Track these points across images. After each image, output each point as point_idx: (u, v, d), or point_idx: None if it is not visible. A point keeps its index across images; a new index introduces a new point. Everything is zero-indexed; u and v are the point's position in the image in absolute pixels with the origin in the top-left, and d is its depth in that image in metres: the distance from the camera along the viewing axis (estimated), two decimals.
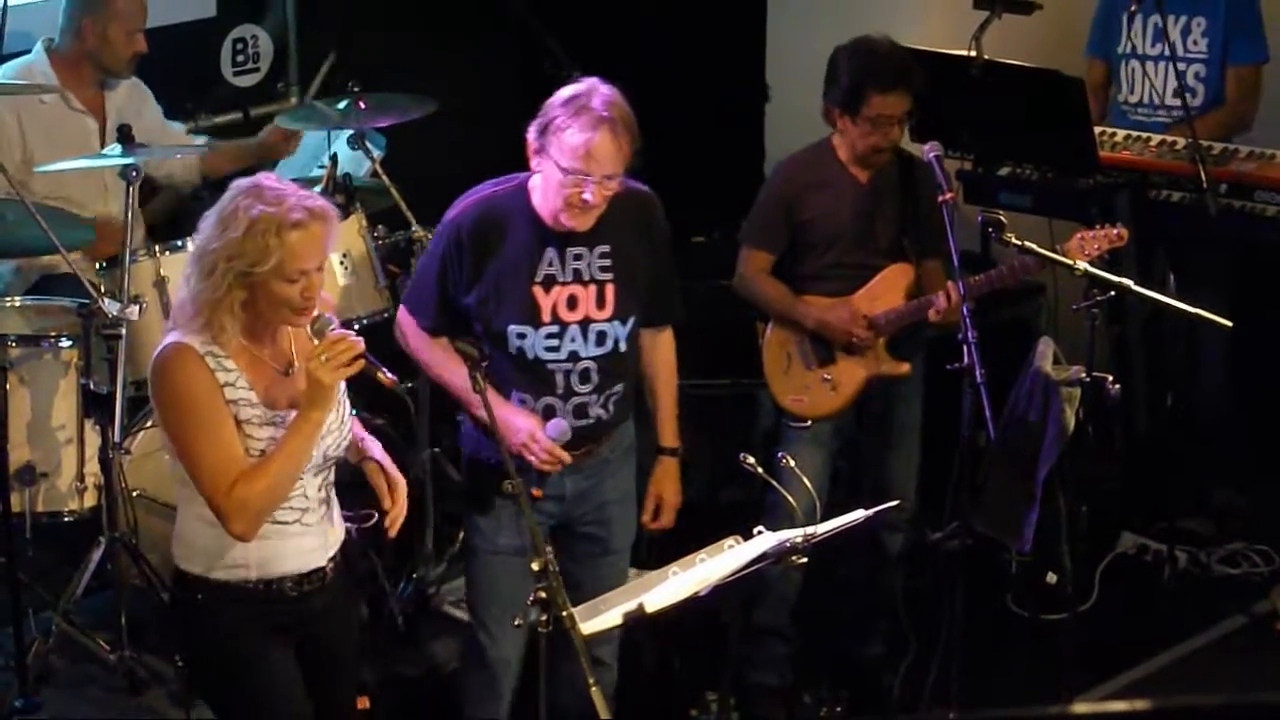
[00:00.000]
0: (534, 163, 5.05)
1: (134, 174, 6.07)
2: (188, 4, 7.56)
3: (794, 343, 6.11)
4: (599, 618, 4.42)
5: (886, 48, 5.95)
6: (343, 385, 4.52)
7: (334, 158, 6.55)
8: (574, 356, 5.16)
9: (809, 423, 6.10)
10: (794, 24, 8.20)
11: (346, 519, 4.73)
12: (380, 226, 6.65)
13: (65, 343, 5.97)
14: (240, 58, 7.80)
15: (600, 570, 5.30)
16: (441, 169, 5.29)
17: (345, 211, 6.45)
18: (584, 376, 5.18)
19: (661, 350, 5.44)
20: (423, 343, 5.25)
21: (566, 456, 5.15)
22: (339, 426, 4.51)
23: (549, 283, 5.12)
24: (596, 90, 5.00)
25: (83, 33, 6.64)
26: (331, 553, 4.60)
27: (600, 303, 5.17)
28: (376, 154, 6.67)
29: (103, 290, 6.00)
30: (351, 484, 4.79)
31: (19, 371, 5.91)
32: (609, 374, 5.22)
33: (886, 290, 6.04)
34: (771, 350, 6.15)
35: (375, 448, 4.72)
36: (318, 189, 6.46)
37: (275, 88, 7.92)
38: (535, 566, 4.36)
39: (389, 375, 4.48)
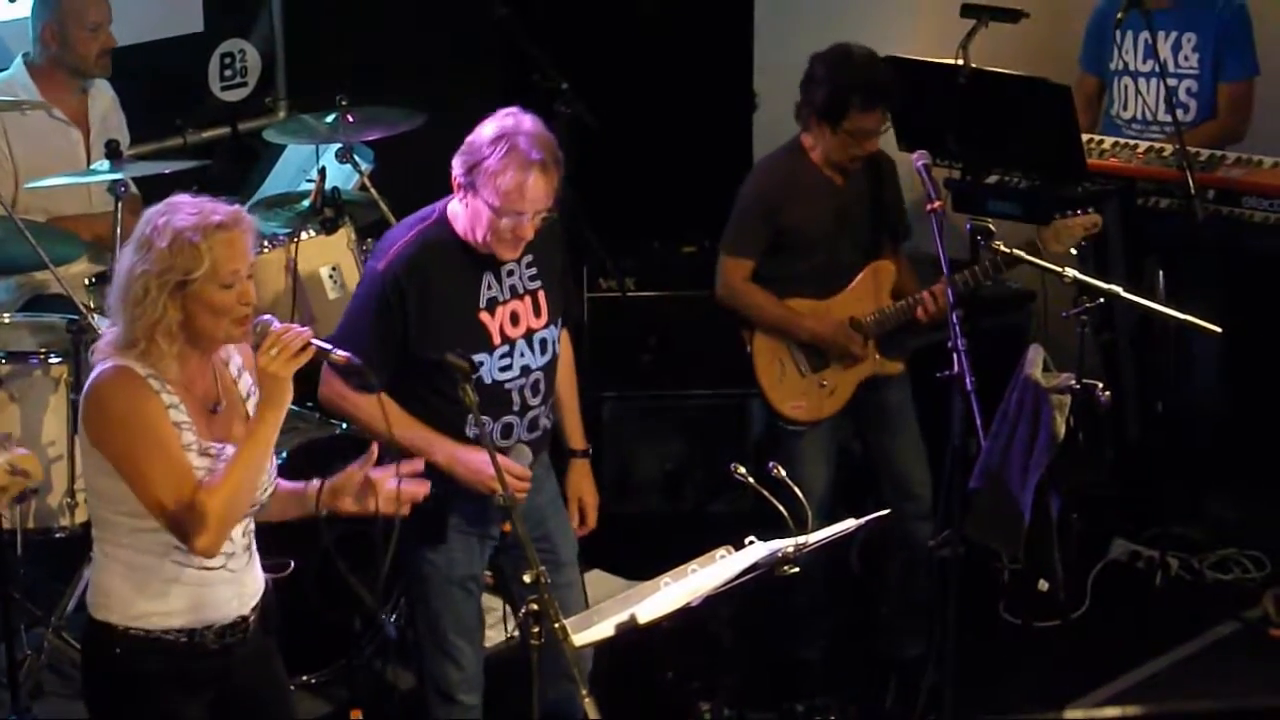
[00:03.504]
0: (459, 195, 5.03)
1: (122, 189, 6.08)
2: (175, 19, 7.55)
3: (785, 350, 6.13)
4: (591, 629, 4.41)
5: (865, 60, 5.96)
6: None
7: (322, 171, 6.55)
8: (525, 370, 5.17)
9: (803, 426, 6.12)
10: (781, 32, 8.20)
11: (265, 568, 4.63)
12: (369, 240, 6.64)
13: (55, 359, 5.97)
14: (228, 72, 7.80)
15: (558, 589, 5.17)
16: (430, 182, 5.26)
17: (334, 225, 6.46)
18: (535, 388, 5.20)
19: (565, 352, 5.42)
20: (364, 404, 5.04)
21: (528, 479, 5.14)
22: (268, 472, 4.44)
23: (492, 305, 5.12)
24: (521, 128, 4.97)
25: (45, 39, 6.64)
26: (254, 601, 4.51)
27: (536, 311, 5.19)
28: (365, 167, 6.67)
29: (92, 307, 6.01)
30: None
31: (9, 388, 5.91)
32: (550, 381, 5.26)
33: (871, 290, 6.07)
34: (763, 359, 6.16)
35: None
36: (306, 203, 6.50)
37: (263, 102, 7.92)
38: (527, 579, 4.35)
39: (341, 353, 4.43)
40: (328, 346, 4.41)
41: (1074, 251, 5.80)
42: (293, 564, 4.74)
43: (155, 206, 4.34)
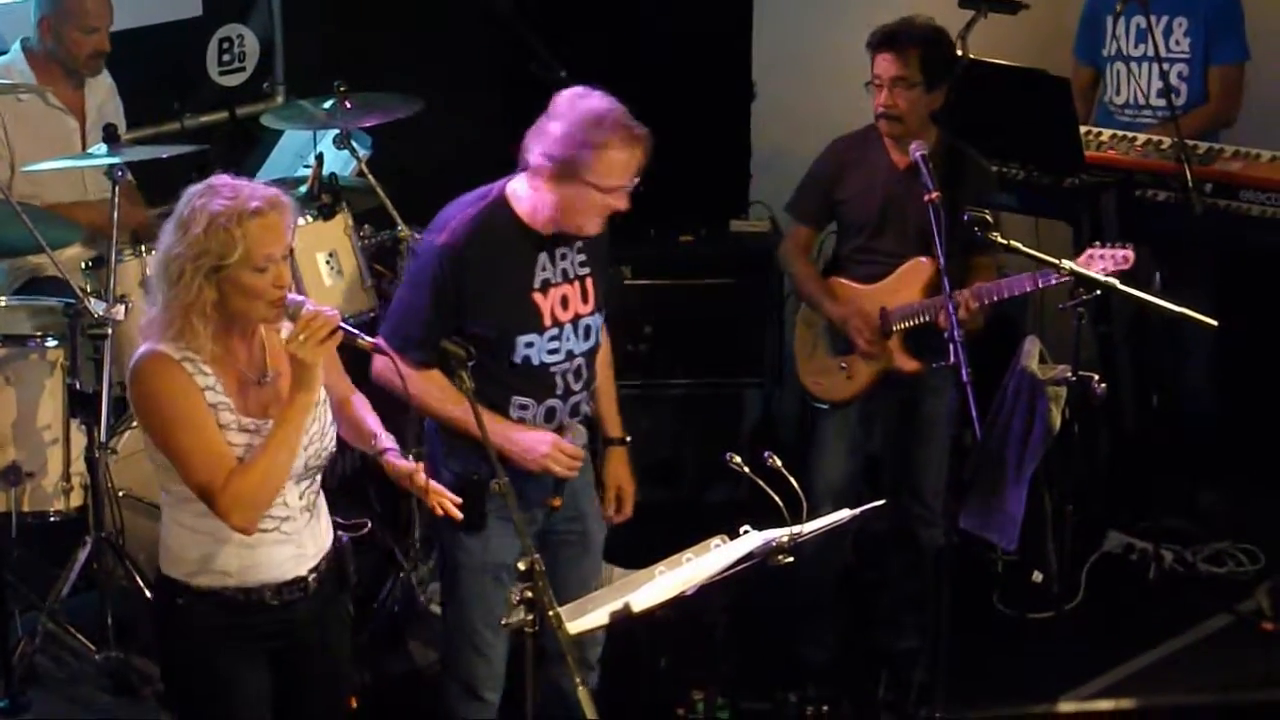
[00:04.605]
0: (550, 187, 4.99)
1: (120, 174, 6.07)
2: (173, 3, 7.55)
3: (819, 326, 6.18)
4: (585, 617, 4.41)
5: (904, 18, 6.01)
6: (324, 395, 4.54)
7: (319, 157, 6.55)
8: (570, 355, 5.18)
9: (826, 405, 6.16)
10: (780, 22, 8.20)
11: (338, 526, 4.72)
12: (366, 226, 6.65)
13: (51, 342, 5.97)
14: (226, 57, 7.79)
15: (584, 569, 5.32)
16: (427, 169, 5.27)
17: (331, 211, 6.46)
18: (578, 374, 5.21)
19: (604, 341, 5.42)
20: (420, 380, 5.06)
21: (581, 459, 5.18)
22: (320, 436, 4.52)
23: (545, 287, 5.13)
24: (614, 108, 5.01)
25: (42, 31, 6.66)
26: (313, 562, 4.59)
27: (584, 297, 5.20)
28: (362, 153, 6.66)
29: (89, 290, 6.00)
30: (339, 489, 4.79)
31: (5, 371, 5.91)
32: (591, 368, 5.27)
33: (906, 284, 6.04)
34: (800, 330, 6.25)
35: (386, 441, 4.75)
36: (303, 189, 6.49)
37: (261, 87, 7.91)
38: (521, 566, 4.36)
39: (368, 340, 4.49)
40: (355, 332, 4.46)
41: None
42: (369, 524, 4.79)
43: (195, 186, 4.38)
